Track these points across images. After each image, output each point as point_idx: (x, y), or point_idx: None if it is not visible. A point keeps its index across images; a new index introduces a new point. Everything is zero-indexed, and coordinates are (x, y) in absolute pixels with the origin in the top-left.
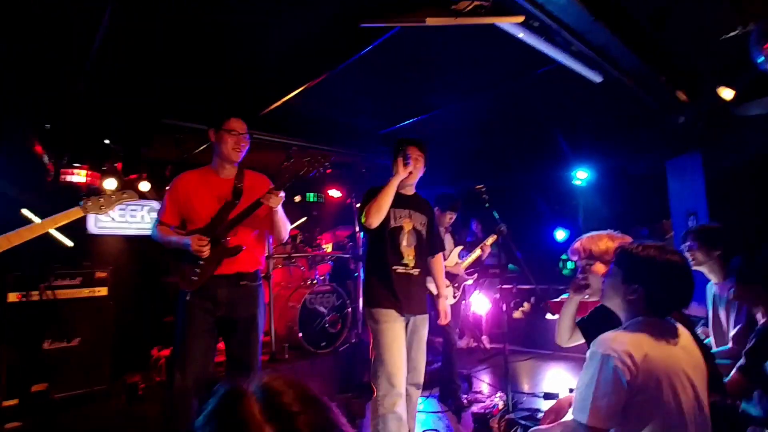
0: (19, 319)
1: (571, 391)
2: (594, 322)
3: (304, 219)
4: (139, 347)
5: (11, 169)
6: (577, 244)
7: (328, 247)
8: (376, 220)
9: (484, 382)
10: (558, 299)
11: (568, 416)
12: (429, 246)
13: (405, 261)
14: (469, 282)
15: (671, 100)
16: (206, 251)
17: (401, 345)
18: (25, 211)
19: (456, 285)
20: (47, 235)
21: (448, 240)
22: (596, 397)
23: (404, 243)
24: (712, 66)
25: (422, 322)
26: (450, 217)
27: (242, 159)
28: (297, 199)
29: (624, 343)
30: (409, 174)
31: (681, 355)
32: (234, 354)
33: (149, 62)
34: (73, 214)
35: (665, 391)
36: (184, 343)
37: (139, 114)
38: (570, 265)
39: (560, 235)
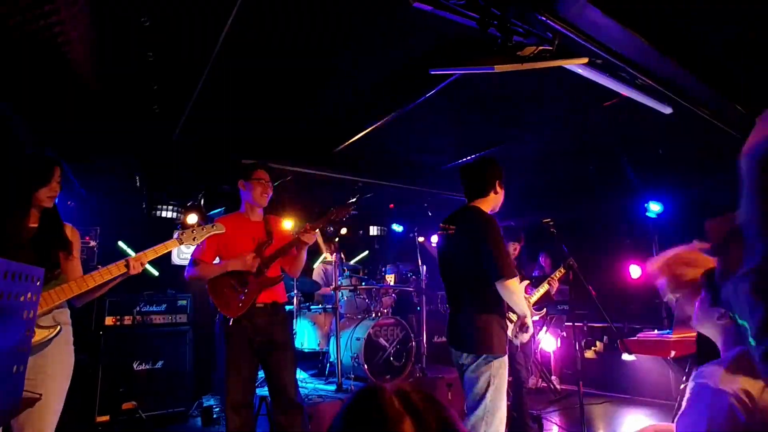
0: (114, 341)
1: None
2: None
3: (366, 252)
4: (214, 372)
5: (113, 206)
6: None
7: (391, 280)
8: None
9: (555, 425)
10: (635, 338)
11: None
12: None
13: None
14: (535, 318)
15: (752, 127)
16: (256, 267)
17: None
18: (121, 243)
19: None
20: None
21: None
22: None
23: None
24: None
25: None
26: (514, 248)
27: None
28: (360, 233)
29: (736, 379)
30: None
31: None
32: (274, 373)
33: (232, 112)
34: (170, 245)
35: None
36: (232, 367)
37: (222, 156)
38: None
39: (634, 270)
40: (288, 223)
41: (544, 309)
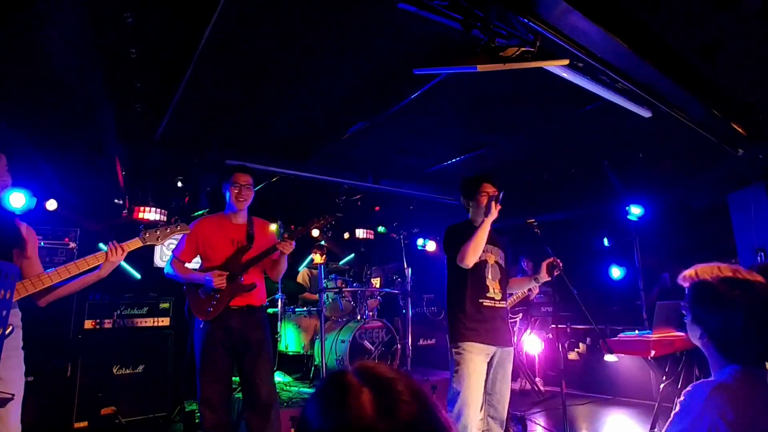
0: (93, 345)
1: None
2: None
3: (351, 255)
4: (196, 376)
5: (94, 207)
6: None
7: (377, 283)
8: (473, 260)
9: (539, 425)
10: (617, 338)
11: None
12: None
13: (490, 294)
14: (515, 319)
15: (728, 132)
16: (225, 285)
17: (480, 378)
18: (102, 245)
19: None
20: (119, 266)
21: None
22: None
23: (489, 276)
24: None
25: (508, 356)
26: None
27: (248, 206)
28: (346, 235)
29: (720, 402)
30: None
31: None
32: (247, 372)
33: (215, 112)
34: (132, 244)
35: None
36: (207, 367)
37: (205, 157)
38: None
39: (615, 272)
40: (273, 226)
41: (520, 314)
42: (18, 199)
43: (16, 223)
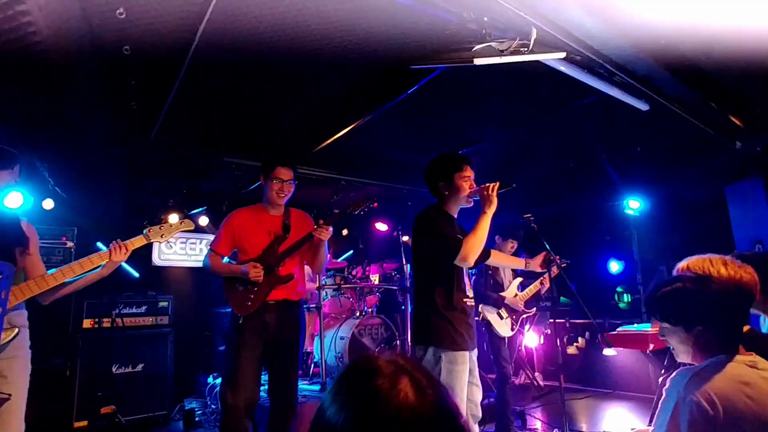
0: (92, 344)
1: (633, 430)
2: None
3: (350, 252)
4: (196, 374)
5: (91, 206)
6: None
7: (376, 279)
8: (475, 258)
9: (538, 420)
10: (615, 332)
11: None
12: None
13: (468, 292)
14: (524, 316)
15: (726, 125)
16: (262, 277)
17: (465, 392)
18: (100, 244)
19: (515, 317)
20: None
21: (508, 271)
22: None
23: (465, 272)
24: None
25: (475, 356)
26: (512, 246)
27: (288, 200)
28: (344, 232)
29: (702, 388)
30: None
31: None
32: (277, 373)
33: (213, 107)
34: (137, 242)
35: None
36: (236, 365)
37: (202, 154)
38: (626, 298)
39: (614, 266)
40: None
41: (534, 308)
42: (15, 199)
43: (16, 219)
